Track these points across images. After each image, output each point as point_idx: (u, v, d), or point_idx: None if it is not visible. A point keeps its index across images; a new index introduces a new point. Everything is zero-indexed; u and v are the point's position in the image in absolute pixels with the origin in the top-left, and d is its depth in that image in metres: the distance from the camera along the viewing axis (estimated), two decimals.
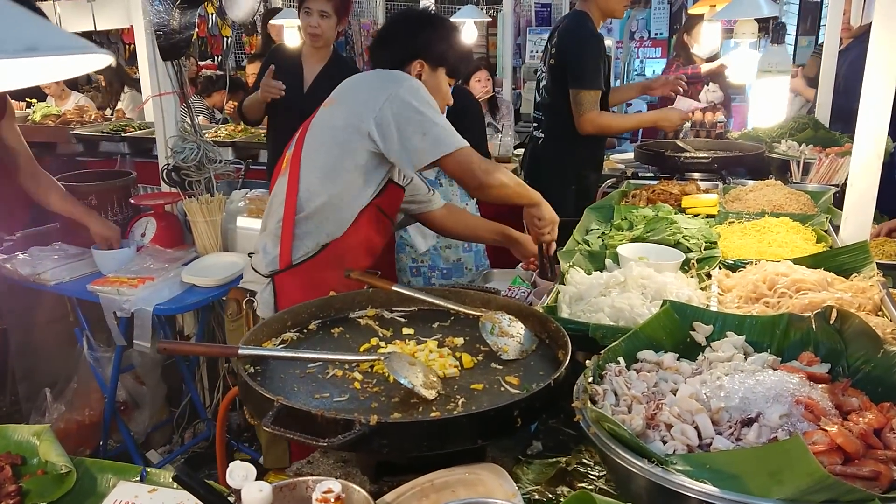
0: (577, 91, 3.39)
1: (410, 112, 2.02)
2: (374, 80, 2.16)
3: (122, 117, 5.99)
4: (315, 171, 2.12)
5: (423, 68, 2.21)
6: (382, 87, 2.07)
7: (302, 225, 2.13)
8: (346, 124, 2.08)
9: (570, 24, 3.52)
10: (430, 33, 2.23)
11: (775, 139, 3.92)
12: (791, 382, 1.24)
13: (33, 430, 1.58)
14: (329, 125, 2.14)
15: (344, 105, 2.14)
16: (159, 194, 3.29)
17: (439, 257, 3.20)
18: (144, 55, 3.15)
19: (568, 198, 3.56)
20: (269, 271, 2.16)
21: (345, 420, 1.17)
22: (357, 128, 2.05)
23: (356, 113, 2.06)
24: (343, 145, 2.08)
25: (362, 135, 2.05)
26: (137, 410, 3.20)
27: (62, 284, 2.82)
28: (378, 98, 2.04)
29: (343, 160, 2.09)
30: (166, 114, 3.12)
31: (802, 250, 2.16)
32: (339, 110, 2.14)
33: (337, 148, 2.09)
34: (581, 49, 3.41)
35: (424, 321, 1.73)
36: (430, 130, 2.02)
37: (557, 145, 3.63)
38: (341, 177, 2.10)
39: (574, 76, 3.40)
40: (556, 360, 1.50)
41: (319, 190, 2.11)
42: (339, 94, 2.20)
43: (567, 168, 3.62)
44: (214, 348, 1.61)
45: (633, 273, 1.89)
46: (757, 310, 1.73)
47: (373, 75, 2.20)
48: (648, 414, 1.21)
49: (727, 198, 2.89)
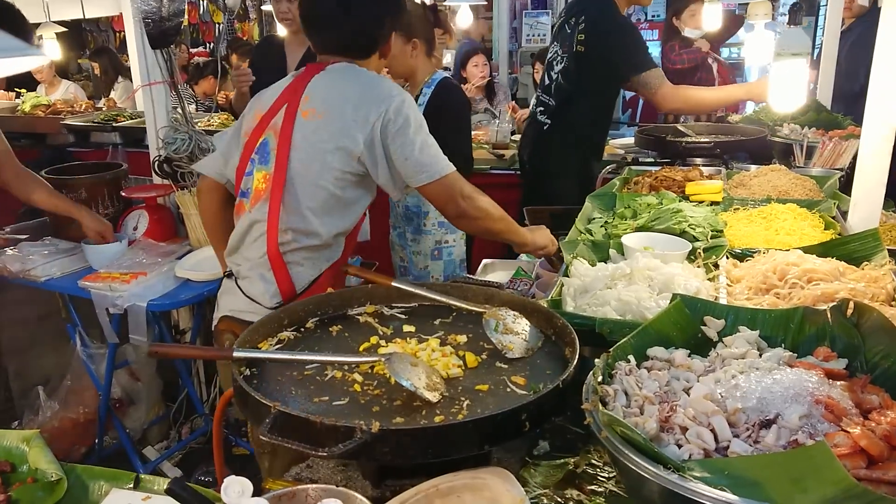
0: (641, 74, 3.29)
1: (397, 136, 1.90)
2: (360, 96, 1.94)
3: (112, 107, 5.90)
4: (305, 202, 1.95)
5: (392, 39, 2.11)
6: (371, 106, 1.91)
7: (298, 254, 2.00)
8: (336, 147, 1.92)
9: (601, 15, 3.39)
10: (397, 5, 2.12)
11: (777, 122, 3.86)
12: (809, 381, 1.19)
13: (22, 435, 1.53)
14: (317, 147, 1.94)
15: (330, 123, 1.93)
16: (151, 186, 3.22)
17: (414, 266, 3.10)
18: (133, 44, 3.08)
19: (571, 185, 3.51)
20: (275, 303, 1.99)
21: (345, 427, 1.12)
22: (348, 153, 1.92)
23: (345, 136, 1.91)
24: (334, 172, 1.94)
25: (352, 160, 1.93)
26: (133, 407, 3.16)
27: (53, 281, 2.76)
28: (367, 120, 1.90)
29: (335, 189, 1.96)
30: (157, 104, 3.06)
31: (811, 238, 2.11)
32: (326, 129, 1.93)
33: (328, 175, 1.94)
34: (624, 37, 3.35)
35: (425, 317, 1.68)
36: (412, 156, 1.91)
37: (566, 134, 3.55)
38: (335, 206, 1.98)
39: (631, 65, 3.32)
40: (563, 358, 1.45)
41: (313, 222, 1.97)
42: (324, 106, 1.96)
43: (573, 156, 3.56)
44: (209, 351, 1.56)
45: (639, 264, 1.84)
46: (767, 301, 1.68)
47: (358, 87, 1.96)
48: (662, 416, 1.16)
49: (731, 183, 2.84)
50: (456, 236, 3.08)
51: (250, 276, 2.04)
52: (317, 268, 2.02)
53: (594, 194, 2.70)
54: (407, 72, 2.98)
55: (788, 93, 2.49)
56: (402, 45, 2.85)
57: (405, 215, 3.04)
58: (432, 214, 3.00)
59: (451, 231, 3.05)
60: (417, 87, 2.98)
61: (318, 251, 2.01)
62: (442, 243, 3.06)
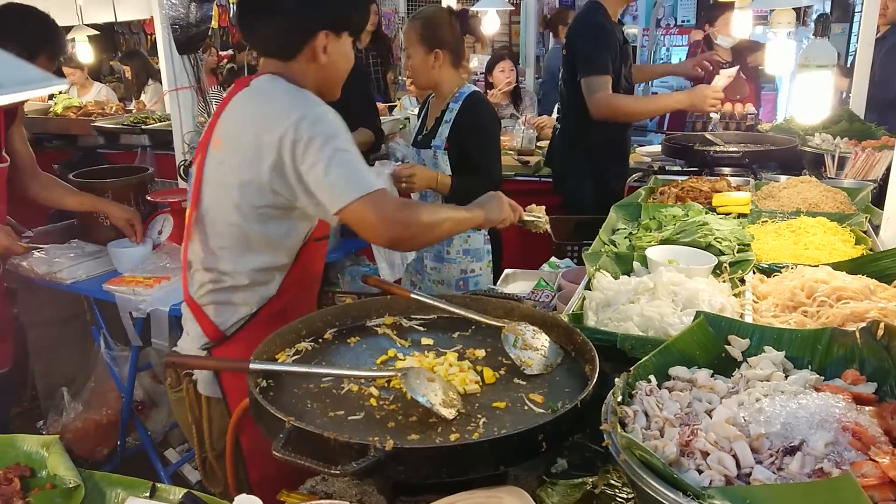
0: (586, 76, 3.33)
1: (307, 154, 1.60)
2: (264, 117, 1.66)
3: (142, 109, 5.98)
4: (221, 241, 1.76)
5: (328, 39, 1.74)
6: (275, 126, 1.62)
7: (223, 294, 1.80)
8: (240, 181, 1.68)
9: (581, 14, 3.54)
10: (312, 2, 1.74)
11: (808, 132, 3.79)
12: (837, 406, 1.16)
13: (42, 440, 1.54)
14: (224, 182, 1.71)
15: (234, 154, 1.69)
16: (176, 191, 3.24)
17: None
18: (162, 48, 3.11)
19: (585, 187, 3.54)
20: (202, 344, 1.83)
21: (359, 445, 1.11)
22: (257, 185, 1.67)
23: (249, 165, 1.66)
24: (247, 206, 1.70)
25: (264, 191, 1.67)
26: (155, 409, 3.19)
27: (79, 283, 2.79)
28: (271, 141, 1.62)
29: (252, 224, 1.72)
30: (183, 108, 3.08)
31: (841, 253, 2.06)
32: (230, 161, 1.70)
33: (241, 210, 1.70)
34: (587, 37, 3.40)
35: (444, 330, 1.66)
36: (323, 176, 1.59)
37: (569, 135, 3.62)
38: (256, 243, 1.75)
39: (582, 63, 3.37)
40: (582, 375, 1.43)
41: (232, 262, 1.77)
42: (228, 135, 1.73)
43: (580, 158, 3.57)
44: (225, 363, 1.56)
45: (663, 278, 1.81)
46: (795, 319, 1.64)
47: (264, 108, 1.69)
48: (683, 440, 1.13)
49: (759, 195, 2.79)
50: (482, 263, 2.90)
51: (185, 314, 1.93)
52: (248, 306, 1.82)
53: (619, 204, 2.67)
54: (430, 84, 2.84)
55: (813, 104, 2.46)
56: (423, 56, 2.73)
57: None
58: (457, 241, 2.83)
59: (478, 258, 2.88)
60: (443, 101, 2.84)
61: (243, 290, 1.80)
62: (468, 272, 2.90)
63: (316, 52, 1.76)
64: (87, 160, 4.67)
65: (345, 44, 1.81)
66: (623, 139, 3.67)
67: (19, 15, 2.41)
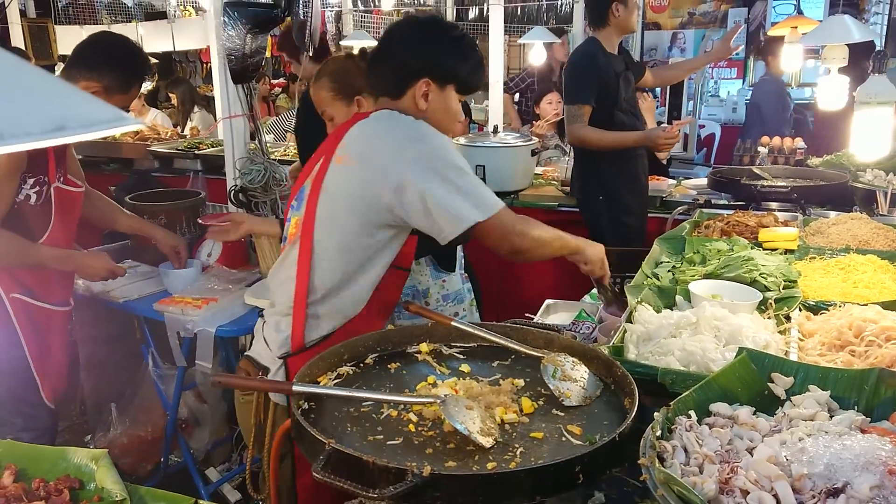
0: (567, 106, 3.64)
1: (435, 181, 1.78)
2: (393, 142, 1.85)
3: (196, 135, 6.16)
4: (330, 248, 1.90)
5: (429, 87, 1.92)
6: (403, 152, 1.81)
7: (318, 306, 1.93)
8: (364, 193, 1.84)
9: (575, 49, 3.94)
10: (434, 46, 1.93)
11: (860, 168, 3.72)
12: (883, 448, 1.14)
13: (92, 454, 1.59)
14: (345, 193, 1.88)
15: (361, 171, 1.86)
16: (226, 215, 3.33)
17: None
18: (217, 77, 3.21)
19: (599, 211, 3.69)
20: (282, 353, 1.95)
21: (397, 469, 1.12)
22: (376, 202, 1.84)
23: (376, 182, 1.82)
24: (362, 220, 1.86)
25: (381, 209, 1.84)
26: (198, 428, 3.24)
27: (130, 302, 2.88)
28: (398, 166, 1.80)
29: (361, 237, 1.88)
30: (235, 135, 3.17)
31: (892, 292, 2.02)
32: (356, 176, 1.87)
33: (355, 222, 1.87)
34: (571, 67, 3.70)
35: (484, 359, 1.67)
36: (448, 201, 1.77)
37: (578, 164, 3.90)
38: (360, 255, 1.90)
39: (566, 93, 3.69)
40: (621, 409, 1.42)
41: (336, 270, 1.90)
42: (356, 153, 1.89)
43: (590, 184, 3.77)
44: (267, 383, 1.59)
45: (706, 313, 1.79)
46: (842, 359, 1.61)
47: (392, 134, 1.88)
48: (722, 477, 1.12)
49: (807, 231, 2.75)
50: (465, 304, 2.78)
51: (269, 322, 2.03)
52: (332, 323, 1.95)
53: (663, 237, 2.66)
54: None
55: (872, 142, 2.42)
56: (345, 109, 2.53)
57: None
58: (433, 290, 2.70)
59: (459, 300, 2.76)
60: None
61: (337, 303, 1.93)
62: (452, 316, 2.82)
63: (416, 97, 1.93)
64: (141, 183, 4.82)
65: (448, 97, 1.97)
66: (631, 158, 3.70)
67: (118, 45, 2.50)
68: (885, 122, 2.36)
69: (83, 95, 0.62)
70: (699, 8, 9.63)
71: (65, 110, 0.56)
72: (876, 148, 2.47)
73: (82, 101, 0.61)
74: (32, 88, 0.58)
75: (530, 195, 4.43)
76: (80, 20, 8.61)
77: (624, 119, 3.63)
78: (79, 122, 0.56)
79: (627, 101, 3.68)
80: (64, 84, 0.63)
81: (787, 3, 8.62)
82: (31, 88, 0.58)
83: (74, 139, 0.55)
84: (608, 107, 3.57)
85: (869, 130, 2.39)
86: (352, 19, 8.99)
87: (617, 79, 3.58)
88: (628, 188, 3.71)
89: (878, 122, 2.35)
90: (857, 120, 2.42)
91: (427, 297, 2.71)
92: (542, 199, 4.32)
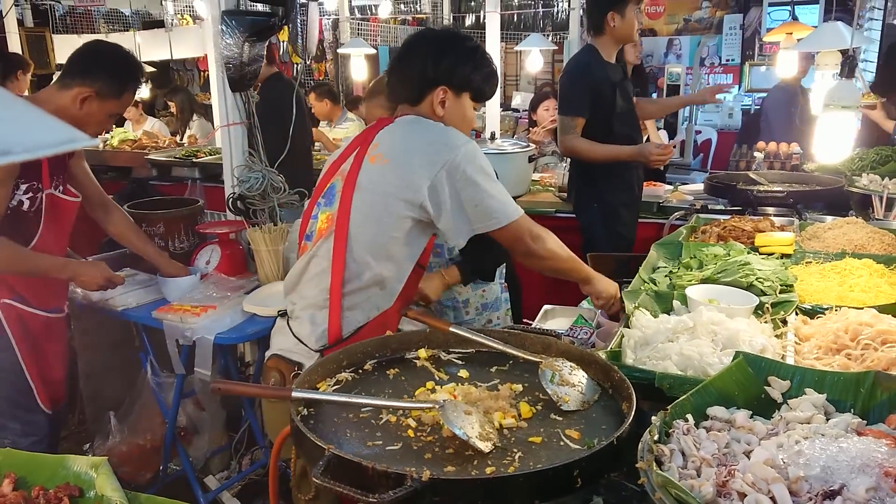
0: (561, 116, 3.64)
1: (465, 183, 1.94)
2: (427, 144, 1.99)
3: (193, 143, 6.17)
4: (364, 241, 1.99)
5: (446, 95, 2.07)
6: (438, 153, 1.95)
7: (352, 297, 2.00)
8: (398, 192, 1.96)
9: (573, 55, 3.91)
10: (451, 56, 2.07)
11: (855, 172, 3.74)
12: (879, 451, 1.14)
13: (91, 462, 1.59)
14: (381, 190, 1.98)
15: (396, 168, 1.98)
16: (224, 222, 3.34)
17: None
18: (215, 85, 3.22)
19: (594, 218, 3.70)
20: (320, 346, 2.01)
21: (396, 474, 1.13)
22: (410, 199, 1.95)
23: (410, 182, 1.95)
24: (395, 215, 1.97)
25: (415, 206, 1.95)
26: (197, 436, 3.24)
27: (129, 310, 2.88)
28: (433, 166, 1.93)
29: (394, 231, 1.98)
30: (234, 143, 3.17)
31: (887, 296, 2.03)
32: (392, 174, 1.98)
33: (389, 218, 1.97)
34: (566, 76, 3.68)
35: (482, 364, 1.68)
36: (482, 202, 1.95)
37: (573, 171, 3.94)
38: (391, 249, 2.00)
39: (560, 102, 3.68)
40: (619, 413, 1.43)
41: (370, 263, 1.98)
42: (391, 153, 2.01)
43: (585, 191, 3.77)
44: (268, 390, 1.60)
45: (703, 318, 1.80)
46: (838, 362, 1.62)
47: (426, 136, 2.02)
48: (719, 480, 1.13)
49: (804, 235, 2.76)
50: (500, 312, 2.89)
51: (301, 317, 2.07)
52: (366, 314, 2.02)
53: (660, 242, 2.67)
54: None
55: (835, 145, 2.47)
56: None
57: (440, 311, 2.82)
58: (472, 300, 2.81)
59: (496, 308, 2.87)
60: None
61: (370, 295, 2.02)
62: (488, 324, 2.87)
63: (434, 104, 2.07)
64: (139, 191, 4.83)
65: (464, 104, 2.11)
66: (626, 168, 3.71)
67: (110, 52, 2.53)
68: (847, 126, 2.41)
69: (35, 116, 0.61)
70: (694, 14, 9.66)
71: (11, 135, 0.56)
72: (837, 150, 2.52)
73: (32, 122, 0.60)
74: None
75: (527, 201, 4.45)
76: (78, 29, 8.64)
77: (621, 129, 3.61)
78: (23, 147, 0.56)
79: (625, 111, 3.66)
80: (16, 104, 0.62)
81: (782, 10, 8.67)
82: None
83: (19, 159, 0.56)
84: (604, 117, 3.56)
85: (831, 133, 2.43)
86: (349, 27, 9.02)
87: (613, 88, 3.57)
88: (622, 197, 3.71)
89: (840, 126, 2.39)
90: (821, 122, 2.46)
91: (467, 307, 2.82)
92: (539, 206, 4.34)
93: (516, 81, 10.69)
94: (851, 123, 2.41)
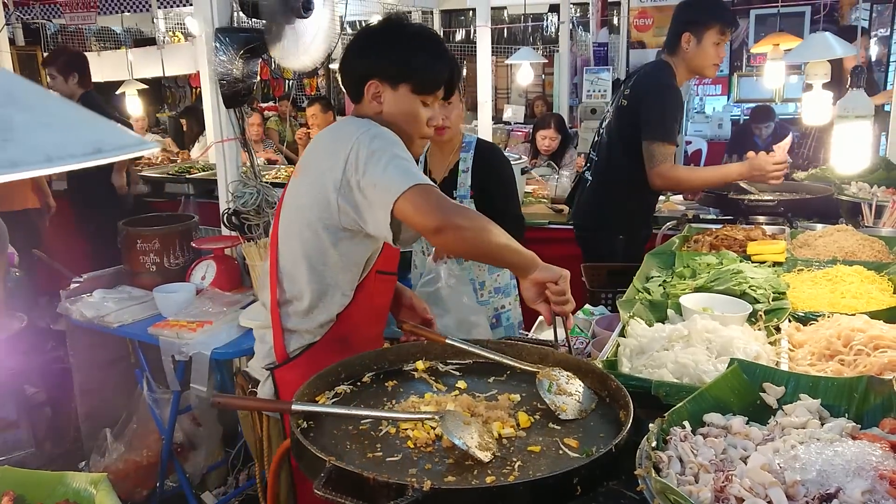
0: (651, 143, 3.16)
1: (366, 166, 1.71)
2: (331, 143, 1.84)
3: (186, 159, 6.19)
4: (291, 258, 1.89)
5: (379, 88, 1.87)
6: (338, 149, 1.77)
7: (293, 318, 1.91)
8: (312, 202, 1.82)
9: (653, 71, 3.35)
10: (378, 46, 1.88)
11: (845, 181, 3.78)
12: (873, 454, 1.16)
13: (91, 478, 1.59)
14: (296, 205, 1.88)
15: (307, 179, 1.87)
16: (219, 238, 3.34)
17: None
18: (209, 102, 3.24)
19: (616, 246, 3.42)
20: (267, 363, 1.95)
21: (397, 485, 1.13)
22: (326, 205, 1.79)
23: (320, 187, 1.80)
24: (316, 228, 1.82)
25: (333, 212, 1.79)
26: (193, 452, 3.23)
27: (124, 327, 2.88)
28: (337, 164, 1.76)
29: (320, 246, 1.84)
30: (228, 159, 3.19)
31: (879, 302, 2.05)
32: (303, 185, 1.87)
33: (307, 231, 1.84)
34: (659, 99, 3.22)
35: (479, 375, 1.69)
36: (379, 180, 1.68)
37: (607, 192, 3.45)
38: (323, 264, 1.86)
39: (649, 127, 3.18)
40: (616, 421, 1.44)
41: (301, 281, 1.88)
42: (303, 164, 1.92)
43: (616, 217, 3.43)
44: (267, 404, 1.61)
45: (698, 326, 1.82)
46: (831, 368, 1.64)
47: (328, 135, 1.90)
48: (717, 486, 1.14)
49: (795, 243, 2.79)
50: (510, 298, 2.97)
51: (258, 337, 2.06)
52: (310, 334, 1.92)
53: (653, 252, 2.69)
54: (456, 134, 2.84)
55: (852, 154, 2.47)
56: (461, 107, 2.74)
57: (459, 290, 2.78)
58: (488, 283, 2.88)
59: (506, 293, 2.94)
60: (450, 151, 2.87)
61: (311, 315, 1.90)
62: (499, 309, 2.96)
63: (368, 98, 1.89)
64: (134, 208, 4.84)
65: (406, 98, 1.87)
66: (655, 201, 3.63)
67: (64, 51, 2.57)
68: (864, 136, 2.41)
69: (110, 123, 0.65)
70: None
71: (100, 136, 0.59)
72: (856, 160, 2.53)
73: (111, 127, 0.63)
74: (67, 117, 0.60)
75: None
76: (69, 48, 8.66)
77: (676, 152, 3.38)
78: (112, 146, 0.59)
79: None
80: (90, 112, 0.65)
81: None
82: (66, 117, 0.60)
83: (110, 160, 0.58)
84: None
85: (848, 144, 2.44)
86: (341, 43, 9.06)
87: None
88: (646, 231, 3.56)
89: (857, 136, 2.40)
90: (837, 134, 2.47)
91: (483, 289, 2.91)
92: (532, 217, 4.34)
93: (507, 94, 10.75)
94: (868, 132, 2.43)
